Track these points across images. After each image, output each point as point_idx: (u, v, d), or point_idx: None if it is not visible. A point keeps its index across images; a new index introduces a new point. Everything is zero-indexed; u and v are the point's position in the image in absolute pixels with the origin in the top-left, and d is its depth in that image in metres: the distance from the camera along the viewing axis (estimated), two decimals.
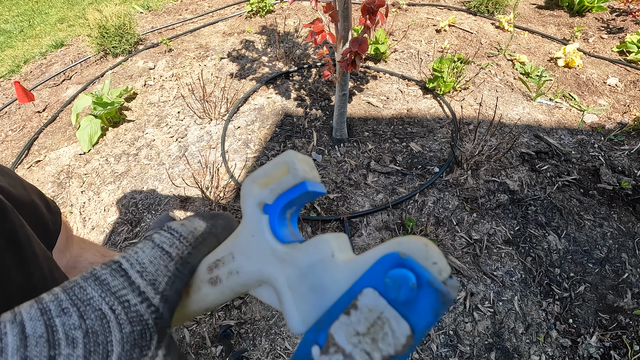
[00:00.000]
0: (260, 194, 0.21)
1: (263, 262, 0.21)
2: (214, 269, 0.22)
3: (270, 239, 0.21)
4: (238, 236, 0.22)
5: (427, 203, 1.55)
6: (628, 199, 1.52)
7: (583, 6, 2.67)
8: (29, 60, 2.80)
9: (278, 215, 0.21)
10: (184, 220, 0.24)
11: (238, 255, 0.21)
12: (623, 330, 1.18)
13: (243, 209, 0.22)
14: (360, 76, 2.24)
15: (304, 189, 0.20)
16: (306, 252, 0.19)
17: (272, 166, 0.21)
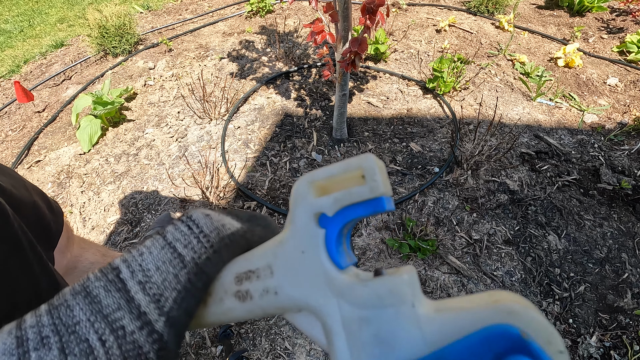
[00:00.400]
0: (319, 202, 0.17)
1: (312, 289, 0.17)
2: (244, 280, 0.18)
3: (326, 262, 0.17)
4: (282, 248, 0.18)
5: (427, 203, 1.55)
6: (628, 199, 1.52)
7: (583, 6, 2.67)
8: (29, 60, 2.80)
9: (338, 231, 0.17)
10: (211, 211, 0.19)
11: (279, 272, 0.17)
12: (623, 330, 1.18)
13: (293, 215, 0.18)
14: (360, 76, 2.24)
15: (381, 207, 0.16)
16: (376, 292, 0.15)
17: (340, 168, 0.17)
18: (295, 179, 1.66)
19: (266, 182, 1.66)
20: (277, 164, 1.74)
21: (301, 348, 1.17)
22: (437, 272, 1.33)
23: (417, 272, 1.32)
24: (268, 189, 1.64)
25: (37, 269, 0.46)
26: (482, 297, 0.14)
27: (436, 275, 1.32)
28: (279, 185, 1.65)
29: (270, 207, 1.54)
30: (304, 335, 1.20)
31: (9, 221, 0.44)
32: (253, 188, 1.64)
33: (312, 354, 1.16)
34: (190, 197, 1.62)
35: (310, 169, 1.71)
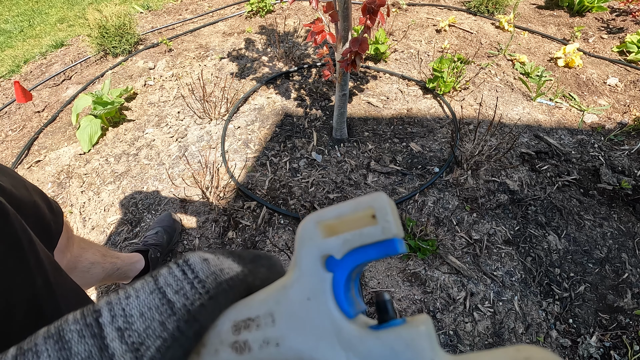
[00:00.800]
0: (327, 243, 0.15)
1: (318, 340, 0.15)
2: (242, 329, 0.16)
3: (333, 310, 0.15)
4: (285, 294, 0.16)
5: (427, 203, 1.55)
6: (628, 199, 1.52)
7: (583, 6, 2.67)
8: (29, 60, 2.80)
9: (346, 276, 0.15)
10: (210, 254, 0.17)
11: (281, 321, 0.16)
12: (623, 330, 1.18)
13: (299, 257, 0.16)
14: (360, 76, 2.24)
15: (394, 250, 0.15)
16: (391, 346, 0.14)
17: (350, 207, 0.16)
18: (295, 179, 1.66)
19: (266, 182, 1.66)
20: (277, 164, 1.74)
21: None
22: (437, 272, 1.33)
23: (417, 273, 1.32)
24: (268, 189, 1.64)
25: (34, 268, 0.46)
26: (508, 352, 0.13)
27: (436, 275, 1.32)
28: (279, 185, 1.65)
29: (270, 207, 1.54)
30: None
31: (9, 220, 0.44)
32: (253, 188, 1.64)
33: None
34: (190, 197, 1.62)
35: (310, 168, 1.71)
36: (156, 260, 1.28)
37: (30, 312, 0.44)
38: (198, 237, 1.48)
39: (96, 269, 0.91)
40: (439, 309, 1.24)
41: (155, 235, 1.35)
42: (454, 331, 1.19)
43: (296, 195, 1.60)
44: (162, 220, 1.44)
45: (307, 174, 1.68)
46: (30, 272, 0.45)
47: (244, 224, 1.51)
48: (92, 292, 1.36)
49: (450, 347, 1.16)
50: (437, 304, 1.26)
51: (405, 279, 1.32)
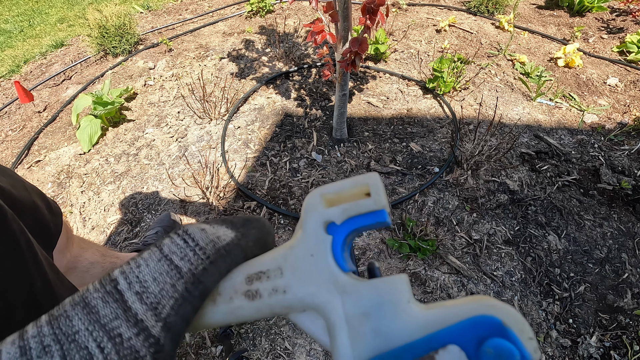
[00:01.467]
0: (329, 212, 0.19)
1: (319, 288, 0.18)
2: (254, 280, 0.19)
3: (332, 264, 0.18)
4: (292, 251, 0.19)
5: (427, 203, 1.55)
6: (628, 199, 1.52)
7: (583, 6, 2.67)
8: (29, 60, 2.80)
9: (343, 239, 0.19)
10: (206, 224, 0.20)
11: (288, 273, 0.19)
12: (623, 330, 1.18)
13: (305, 222, 0.19)
14: (360, 76, 2.24)
15: (382, 218, 0.18)
16: (377, 289, 0.17)
17: (349, 184, 0.19)
18: (295, 179, 1.66)
19: (266, 182, 1.66)
20: (277, 164, 1.74)
21: (301, 348, 1.17)
22: (437, 272, 1.33)
23: (417, 273, 1.32)
24: (268, 189, 1.64)
25: (33, 269, 0.46)
26: (467, 298, 0.16)
27: (436, 275, 1.32)
28: (279, 185, 1.65)
29: (270, 207, 1.54)
30: (304, 335, 1.20)
31: (6, 222, 0.44)
32: (253, 188, 1.64)
33: (312, 354, 1.16)
34: (190, 197, 1.62)
35: (310, 168, 1.71)
36: None
37: (30, 313, 0.44)
38: None
39: (96, 268, 0.91)
40: None
41: (155, 235, 1.35)
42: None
43: (296, 195, 1.60)
44: (161, 220, 1.44)
45: (307, 174, 1.68)
46: (29, 273, 0.45)
47: None
48: None
49: None
50: None
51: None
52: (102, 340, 0.15)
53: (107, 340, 0.15)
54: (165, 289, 0.17)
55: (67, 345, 0.15)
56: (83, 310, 0.16)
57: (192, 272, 0.18)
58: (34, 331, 0.16)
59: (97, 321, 0.16)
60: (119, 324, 0.16)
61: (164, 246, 0.18)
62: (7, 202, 0.50)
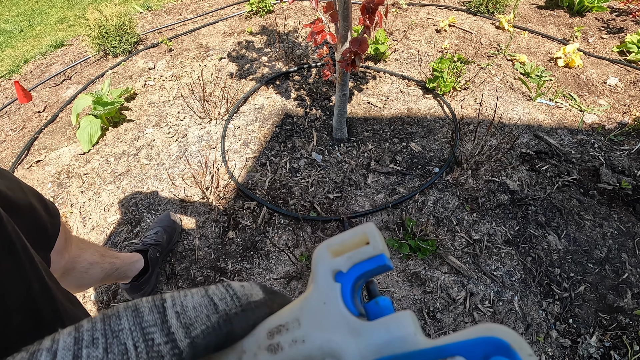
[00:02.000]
0: (335, 262, 0.21)
1: (333, 332, 0.20)
2: (275, 334, 0.21)
3: (343, 309, 0.20)
4: (307, 302, 0.21)
5: (427, 203, 1.55)
6: (628, 199, 1.52)
7: (583, 6, 2.67)
8: (29, 60, 2.80)
9: (351, 284, 0.21)
10: (244, 282, 0.24)
11: (305, 322, 0.20)
12: (623, 330, 1.18)
13: (315, 274, 0.21)
14: (360, 76, 2.24)
15: (382, 261, 0.20)
16: (386, 327, 0.19)
17: (350, 235, 0.21)
18: (295, 179, 1.66)
19: (266, 182, 1.66)
20: (277, 164, 1.74)
21: None
22: (437, 272, 1.33)
23: (417, 273, 1.32)
24: (268, 189, 1.64)
25: (30, 273, 0.46)
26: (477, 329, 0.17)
27: (436, 275, 1.32)
28: (279, 185, 1.65)
29: (270, 207, 1.54)
30: None
31: (2, 224, 0.43)
32: (253, 188, 1.64)
33: None
34: (190, 197, 1.62)
35: (310, 168, 1.71)
36: (156, 260, 1.28)
37: (28, 316, 0.43)
38: (198, 237, 1.48)
39: (95, 269, 0.91)
40: (439, 309, 1.24)
41: (155, 235, 1.35)
42: (454, 331, 1.19)
43: (296, 195, 1.60)
44: (161, 220, 1.44)
45: (307, 174, 1.68)
46: (26, 277, 0.45)
47: (244, 224, 1.51)
48: (90, 292, 1.36)
49: None
50: (437, 304, 1.25)
51: (405, 279, 1.32)
52: (138, 340, 0.18)
53: (141, 342, 0.18)
54: (200, 317, 0.20)
55: (111, 339, 0.18)
56: (132, 313, 0.19)
57: (226, 312, 0.21)
58: (89, 326, 0.19)
59: (139, 324, 0.19)
60: (155, 330, 0.19)
61: (209, 289, 0.22)
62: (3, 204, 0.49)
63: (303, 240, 1.44)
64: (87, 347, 0.18)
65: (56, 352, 0.17)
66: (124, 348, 0.18)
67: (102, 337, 0.18)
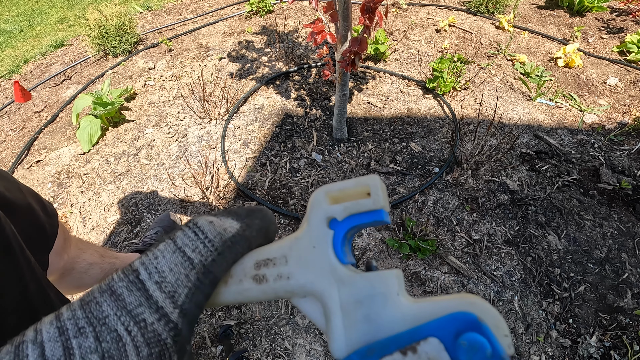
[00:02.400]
0: (331, 209, 0.21)
1: (319, 276, 0.20)
2: (262, 266, 0.21)
3: (332, 256, 0.20)
4: (297, 242, 0.21)
5: (427, 203, 1.55)
6: (628, 199, 1.52)
7: (583, 6, 2.67)
8: (29, 60, 2.80)
9: (344, 234, 0.21)
10: (214, 217, 0.22)
11: (293, 261, 0.21)
12: (623, 330, 1.18)
13: (309, 217, 0.21)
14: (360, 76, 2.24)
15: (380, 217, 0.20)
16: (370, 281, 0.19)
17: (352, 184, 0.21)
18: (295, 179, 1.66)
19: (266, 182, 1.66)
20: (277, 164, 1.74)
21: (301, 348, 1.17)
22: (437, 272, 1.33)
23: (417, 272, 1.32)
24: (268, 189, 1.64)
25: (27, 273, 0.46)
26: (452, 295, 0.18)
27: (436, 275, 1.32)
28: (279, 185, 1.65)
29: (270, 207, 1.54)
30: (304, 335, 1.20)
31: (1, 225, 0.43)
32: (253, 188, 1.64)
33: (312, 354, 1.16)
34: (190, 197, 1.62)
35: (310, 168, 1.71)
36: None
37: (25, 317, 0.43)
38: None
39: (94, 269, 0.91)
40: None
41: (155, 235, 1.35)
42: None
43: (296, 195, 1.60)
44: (161, 220, 1.44)
45: (307, 174, 1.68)
46: (23, 278, 0.44)
47: None
48: None
49: None
50: None
51: (405, 279, 1.32)
52: (129, 324, 0.17)
53: (133, 325, 0.17)
54: (180, 279, 0.19)
55: (99, 327, 0.17)
56: (110, 297, 0.18)
57: (203, 263, 0.20)
58: (69, 314, 0.18)
59: (124, 307, 0.18)
60: (143, 310, 0.18)
61: (177, 239, 0.20)
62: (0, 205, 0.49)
63: None
64: (76, 337, 0.17)
65: (42, 343, 0.17)
66: (117, 335, 0.17)
67: (89, 325, 0.17)
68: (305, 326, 1.22)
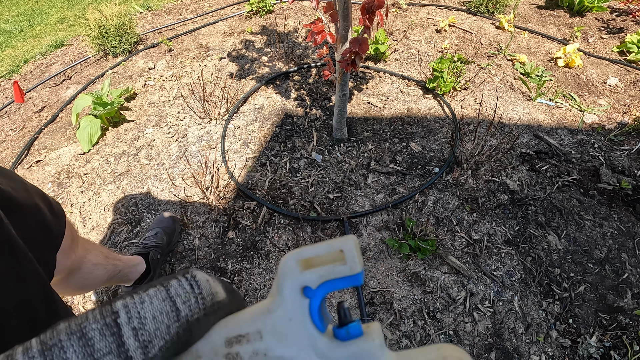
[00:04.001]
0: (304, 276, 0.19)
1: (299, 350, 0.19)
2: (234, 344, 0.20)
3: (310, 328, 0.19)
4: (271, 315, 0.20)
5: (427, 203, 1.55)
6: (628, 199, 1.52)
7: (583, 6, 2.67)
8: (29, 60, 2.80)
9: (320, 302, 0.20)
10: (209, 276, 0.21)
11: (268, 337, 0.19)
12: (623, 330, 1.18)
13: (281, 286, 0.20)
14: (360, 76, 2.24)
15: (358, 281, 0.19)
16: (352, 353, 0.19)
17: (324, 249, 0.20)
18: (295, 179, 1.66)
19: (266, 182, 1.66)
20: (277, 164, 1.74)
21: None
22: (437, 272, 1.33)
23: (417, 273, 1.32)
24: (268, 189, 1.64)
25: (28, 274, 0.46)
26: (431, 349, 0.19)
27: (436, 275, 1.32)
28: (279, 185, 1.65)
29: (270, 207, 1.54)
30: None
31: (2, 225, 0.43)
32: (253, 188, 1.64)
33: None
34: (190, 197, 1.62)
35: (310, 168, 1.71)
36: (156, 262, 1.28)
37: (25, 318, 0.43)
38: (198, 237, 1.48)
39: (99, 270, 0.91)
40: (439, 309, 1.24)
41: (155, 236, 1.35)
42: (454, 331, 1.19)
43: (296, 195, 1.60)
44: (161, 220, 1.44)
45: (307, 174, 1.68)
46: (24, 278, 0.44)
47: (244, 224, 1.51)
48: (90, 292, 1.36)
49: None
50: (437, 304, 1.25)
51: (405, 279, 1.32)
52: None
53: None
54: (160, 328, 0.18)
55: None
56: (79, 341, 0.17)
57: (188, 319, 0.19)
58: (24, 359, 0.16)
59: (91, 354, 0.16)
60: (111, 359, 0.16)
61: (171, 287, 0.19)
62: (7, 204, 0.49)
63: (303, 240, 1.44)
64: None
65: None
66: None
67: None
68: None
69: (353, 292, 1.29)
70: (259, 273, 1.36)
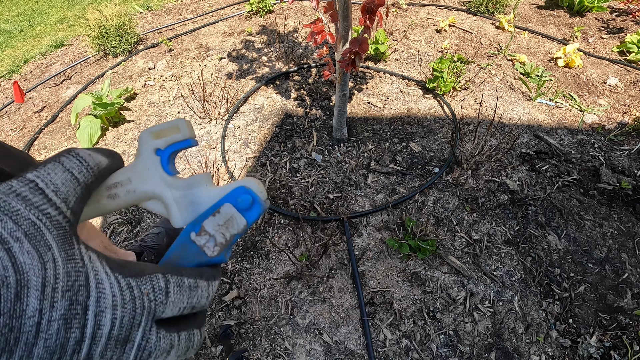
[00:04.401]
0: (155, 142, 0.30)
1: (155, 185, 0.30)
2: (112, 188, 0.30)
3: (162, 172, 0.30)
4: (134, 167, 0.30)
5: (427, 203, 1.55)
6: (628, 199, 1.52)
7: (583, 6, 2.67)
8: (29, 60, 2.80)
9: (167, 157, 0.30)
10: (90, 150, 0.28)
11: (135, 180, 0.30)
12: (623, 330, 1.18)
13: (140, 150, 0.30)
14: (360, 76, 2.24)
15: (188, 143, 0.30)
16: (189, 182, 0.30)
17: (166, 125, 0.30)
18: (295, 179, 1.66)
19: (266, 182, 1.66)
20: (277, 164, 1.74)
21: (301, 348, 1.17)
22: (437, 272, 1.33)
23: (417, 272, 1.32)
24: (268, 188, 1.64)
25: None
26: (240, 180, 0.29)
27: (436, 275, 1.32)
28: (279, 185, 1.65)
29: (270, 207, 1.54)
30: (304, 335, 1.20)
31: None
32: None
33: (312, 354, 1.16)
34: None
35: (310, 168, 1.71)
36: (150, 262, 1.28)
37: None
38: None
39: None
40: (439, 309, 1.24)
41: (156, 236, 1.35)
42: (454, 331, 1.19)
43: (296, 195, 1.60)
44: (166, 221, 1.44)
45: (307, 174, 1.68)
46: None
47: None
48: None
49: (450, 347, 1.16)
50: (437, 304, 1.25)
51: (405, 279, 1.32)
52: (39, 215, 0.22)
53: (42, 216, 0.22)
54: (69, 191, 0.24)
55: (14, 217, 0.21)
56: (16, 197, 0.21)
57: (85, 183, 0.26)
58: None
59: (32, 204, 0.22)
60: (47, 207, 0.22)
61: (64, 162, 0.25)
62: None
63: (303, 240, 1.44)
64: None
65: None
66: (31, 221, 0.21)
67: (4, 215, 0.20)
68: (305, 326, 1.22)
69: (353, 292, 1.29)
70: (259, 273, 1.36)
